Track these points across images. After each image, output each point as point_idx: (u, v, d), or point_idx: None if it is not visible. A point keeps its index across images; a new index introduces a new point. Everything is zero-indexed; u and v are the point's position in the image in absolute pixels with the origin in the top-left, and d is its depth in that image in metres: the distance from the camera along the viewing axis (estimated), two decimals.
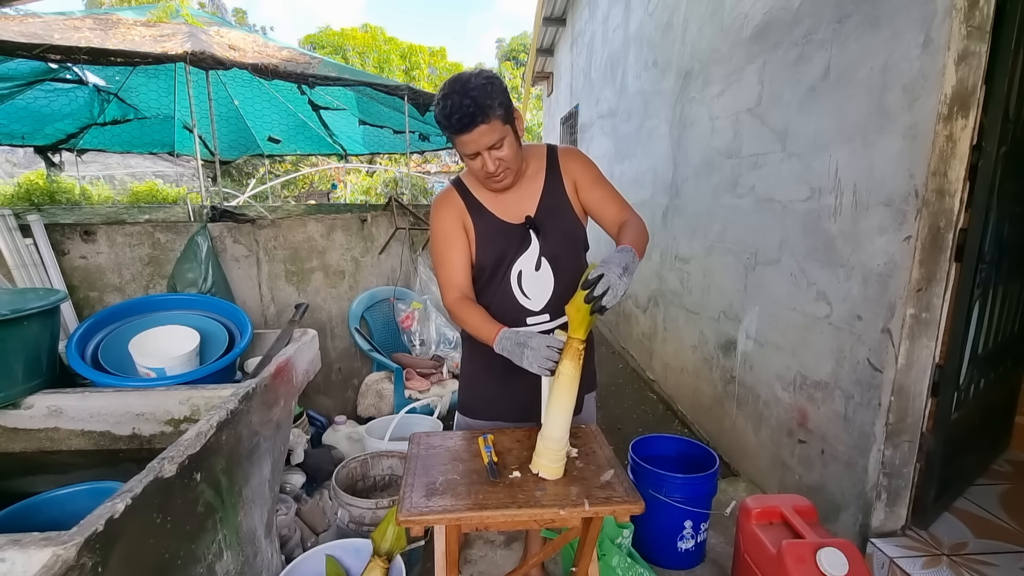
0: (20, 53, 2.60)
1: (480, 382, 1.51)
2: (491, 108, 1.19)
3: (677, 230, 3.32)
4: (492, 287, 1.40)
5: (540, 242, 1.37)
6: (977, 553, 1.63)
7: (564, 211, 1.40)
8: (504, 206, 1.39)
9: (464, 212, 1.39)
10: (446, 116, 1.20)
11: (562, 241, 1.39)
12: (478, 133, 1.20)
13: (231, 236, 2.81)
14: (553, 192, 1.40)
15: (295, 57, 3.60)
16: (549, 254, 1.37)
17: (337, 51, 14.08)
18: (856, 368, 1.80)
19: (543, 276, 1.38)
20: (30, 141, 4.67)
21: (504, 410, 1.49)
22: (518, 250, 1.37)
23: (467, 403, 1.55)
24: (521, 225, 1.37)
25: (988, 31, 1.46)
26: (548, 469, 1.16)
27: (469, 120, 1.18)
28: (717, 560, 2.00)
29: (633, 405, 3.59)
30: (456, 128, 1.20)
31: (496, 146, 1.24)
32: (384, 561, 1.56)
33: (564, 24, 7.29)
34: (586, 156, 1.46)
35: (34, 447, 1.47)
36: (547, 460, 1.16)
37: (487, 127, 1.20)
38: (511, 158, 1.28)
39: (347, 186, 11.03)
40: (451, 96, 1.18)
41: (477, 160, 1.27)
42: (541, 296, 1.38)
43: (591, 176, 1.41)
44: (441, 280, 1.41)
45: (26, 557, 0.78)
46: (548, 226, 1.37)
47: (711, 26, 2.83)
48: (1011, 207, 1.71)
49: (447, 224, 1.39)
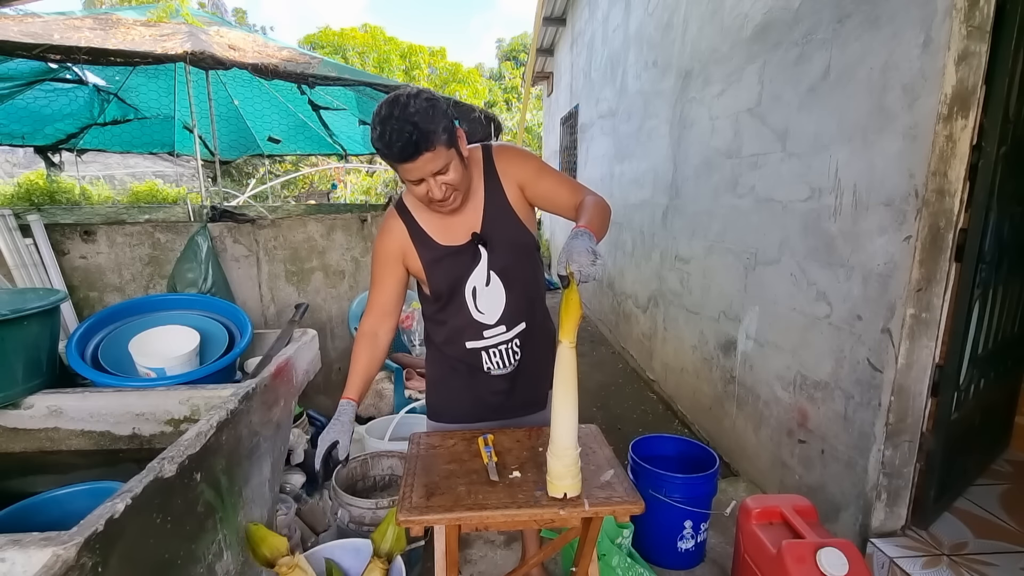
0: (20, 53, 2.60)
1: (443, 386, 1.51)
2: (435, 134, 1.11)
3: (677, 230, 3.32)
4: (451, 307, 1.38)
5: (488, 255, 1.33)
6: (977, 553, 1.63)
7: (508, 220, 1.34)
8: (448, 229, 1.33)
9: (407, 241, 1.34)
10: (386, 144, 1.11)
11: (509, 251, 1.34)
12: (422, 161, 1.13)
13: (231, 236, 2.81)
14: (493, 202, 1.33)
15: (295, 57, 3.60)
16: (498, 267, 1.34)
17: (337, 51, 14.07)
18: (856, 368, 1.80)
19: (494, 290, 1.35)
20: (30, 141, 4.67)
21: (467, 412, 1.49)
22: (469, 267, 1.34)
23: (433, 407, 1.54)
24: (467, 243, 1.33)
25: (988, 31, 1.46)
26: (572, 486, 1.08)
27: (413, 149, 1.10)
28: (717, 560, 2.00)
29: (633, 405, 3.59)
30: (398, 157, 1.12)
31: (442, 171, 1.17)
32: (384, 562, 1.56)
33: (564, 24, 7.29)
34: (522, 150, 1.40)
35: (34, 447, 1.47)
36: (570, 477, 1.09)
37: (431, 155, 1.12)
38: (458, 180, 1.21)
39: (347, 186, 11.04)
40: (389, 121, 1.09)
41: (422, 186, 1.19)
42: (494, 310, 1.36)
43: (532, 171, 1.34)
44: (369, 299, 1.41)
45: (26, 557, 0.78)
46: (494, 239, 1.32)
47: (711, 26, 2.83)
48: (1011, 207, 1.71)
49: (384, 252, 1.36)
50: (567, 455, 1.08)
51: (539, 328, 1.45)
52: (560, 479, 1.09)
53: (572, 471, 1.09)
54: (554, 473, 1.09)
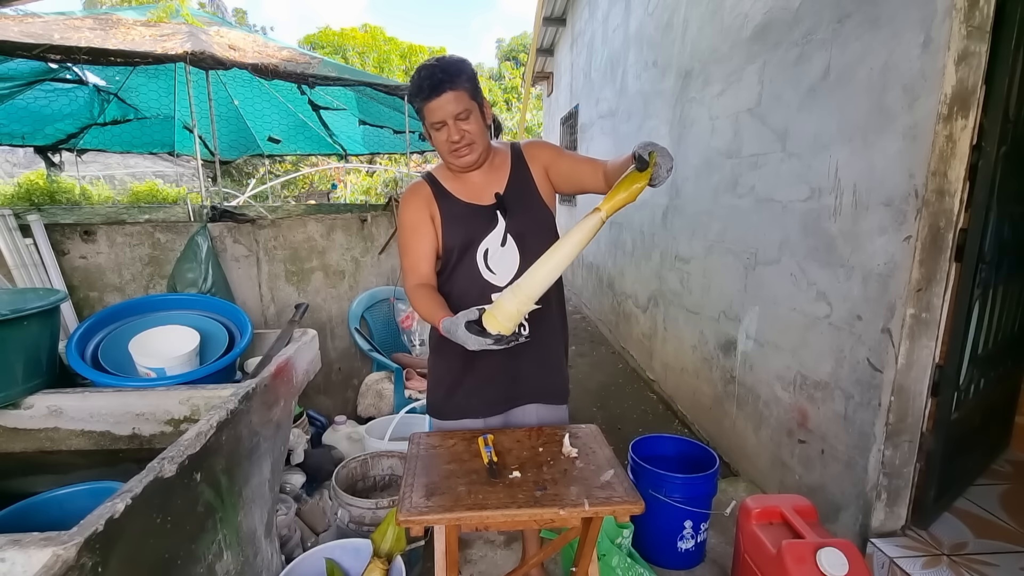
0: (20, 53, 2.60)
1: (445, 383, 1.51)
2: (459, 78, 1.26)
3: (677, 230, 3.32)
4: (460, 267, 1.41)
5: (507, 220, 1.39)
6: (977, 553, 1.63)
7: (530, 193, 1.43)
8: (472, 191, 1.41)
9: (432, 201, 1.42)
10: (418, 83, 1.27)
11: (528, 221, 1.40)
12: (444, 100, 1.25)
13: (231, 236, 2.81)
14: (518, 177, 1.44)
15: (295, 57, 3.60)
16: (515, 232, 1.39)
17: (337, 51, 14.08)
18: (856, 368, 1.80)
19: (508, 252, 1.39)
20: (30, 141, 4.66)
21: (470, 408, 1.49)
22: (485, 229, 1.39)
23: (434, 405, 1.54)
24: (489, 206, 1.39)
25: (988, 31, 1.46)
26: (509, 329, 1.12)
27: (437, 84, 1.24)
28: (717, 560, 2.00)
29: (633, 405, 3.59)
30: (425, 93, 1.25)
31: (462, 116, 1.28)
32: (384, 562, 1.56)
33: (564, 24, 7.29)
34: (546, 141, 1.52)
35: (34, 447, 1.47)
36: (503, 314, 1.12)
37: (454, 95, 1.25)
38: (476, 133, 1.32)
39: (347, 186, 11.03)
40: (424, 67, 1.28)
41: (443, 131, 1.30)
42: (507, 271, 1.39)
43: (555, 153, 1.46)
44: (404, 267, 1.44)
45: (26, 557, 0.78)
46: (515, 206, 1.40)
47: (711, 26, 2.83)
48: (1011, 207, 1.71)
49: (414, 213, 1.41)
50: (527, 304, 1.13)
51: (551, 311, 1.45)
52: (509, 319, 1.12)
53: (517, 319, 1.13)
54: (504, 311, 1.12)
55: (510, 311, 1.13)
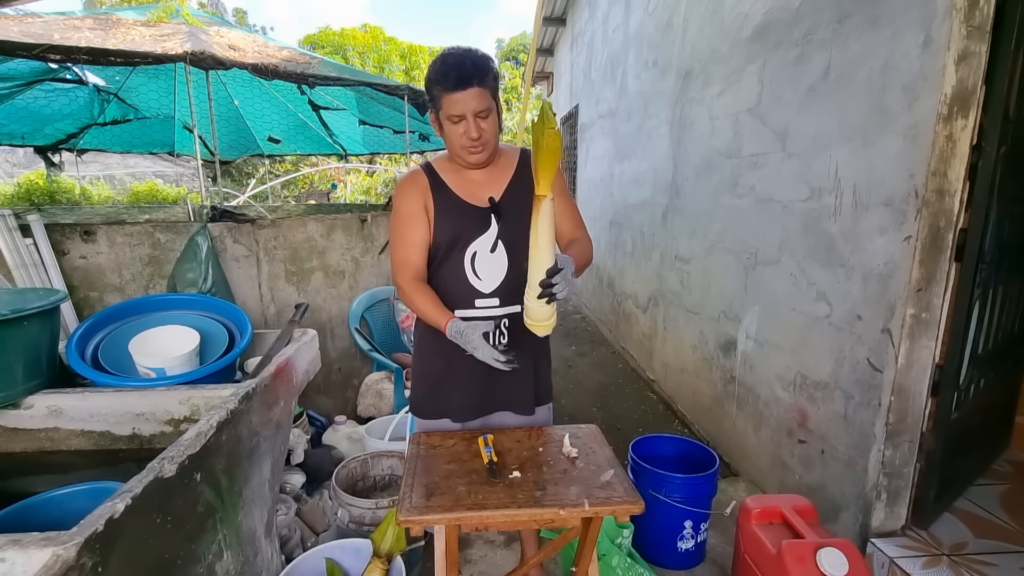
0: (20, 53, 2.60)
1: (427, 382, 1.50)
2: (488, 76, 1.25)
3: (677, 230, 3.32)
4: (445, 266, 1.39)
5: (499, 226, 1.37)
6: (977, 553, 1.63)
7: (527, 202, 1.37)
8: (469, 189, 1.39)
9: (427, 191, 1.39)
10: (444, 72, 1.22)
11: (522, 230, 1.35)
12: (470, 95, 1.23)
13: (231, 236, 2.81)
14: (518, 184, 1.41)
15: (295, 57, 3.60)
16: (506, 239, 1.37)
17: (337, 51, 14.07)
18: (856, 368, 1.80)
19: (497, 258, 1.37)
20: (30, 141, 4.66)
21: (447, 409, 1.48)
22: (476, 231, 1.37)
23: (416, 403, 1.54)
24: (483, 209, 1.37)
25: (988, 31, 1.46)
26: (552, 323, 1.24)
27: (466, 77, 1.21)
28: (717, 560, 2.00)
29: (633, 405, 3.59)
30: (452, 83, 1.22)
31: (482, 114, 1.27)
32: (384, 562, 1.56)
33: (564, 24, 7.29)
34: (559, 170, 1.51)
35: (34, 447, 1.47)
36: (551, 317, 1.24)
37: (479, 91, 1.24)
38: (492, 133, 1.31)
39: (347, 186, 11.03)
40: (452, 55, 1.24)
41: (461, 125, 1.27)
42: (493, 278, 1.38)
43: (560, 186, 1.42)
44: (396, 258, 1.41)
45: (26, 557, 0.78)
46: (509, 213, 1.37)
47: (711, 26, 2.83)
48: (1011, 207, 1.71)
49: (409, 203, 1.39)
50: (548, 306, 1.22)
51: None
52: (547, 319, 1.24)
53: (551, 310, 1.23)
54: (539, 316, 1.23)
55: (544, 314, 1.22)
